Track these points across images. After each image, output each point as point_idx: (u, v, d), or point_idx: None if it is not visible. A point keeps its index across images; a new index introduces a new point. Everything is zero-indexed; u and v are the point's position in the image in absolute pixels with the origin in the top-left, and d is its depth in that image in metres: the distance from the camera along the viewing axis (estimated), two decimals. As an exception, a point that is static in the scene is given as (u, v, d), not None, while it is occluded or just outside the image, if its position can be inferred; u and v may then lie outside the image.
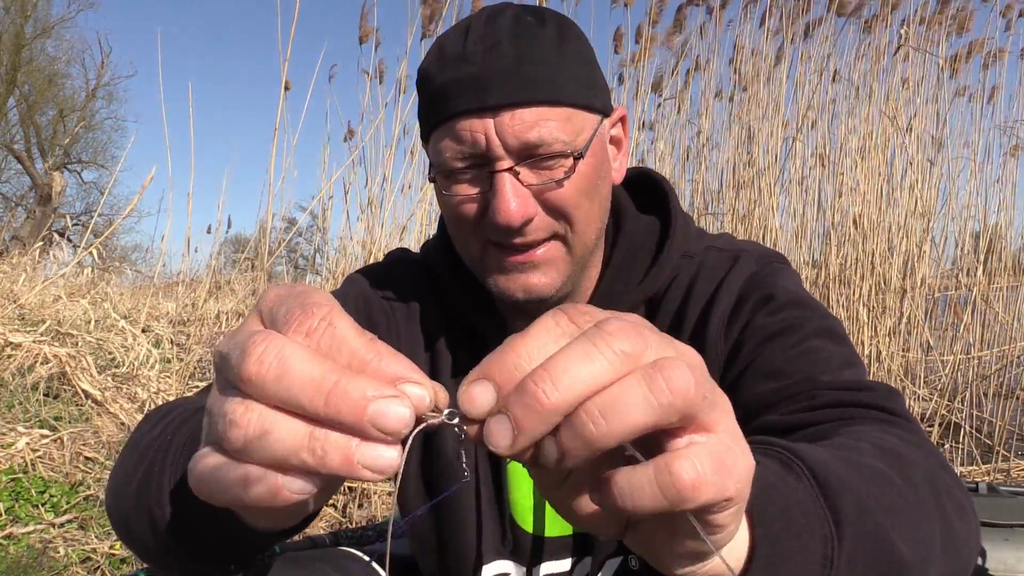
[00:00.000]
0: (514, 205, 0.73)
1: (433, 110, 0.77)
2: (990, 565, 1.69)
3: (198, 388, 3.77)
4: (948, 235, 4.16)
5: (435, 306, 0.91)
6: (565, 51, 0.75)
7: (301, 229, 5.73)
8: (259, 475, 0.35)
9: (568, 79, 0.75)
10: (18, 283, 5.00)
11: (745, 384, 0.75)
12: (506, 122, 0.73)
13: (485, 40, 0.74)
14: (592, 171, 0.78)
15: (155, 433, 0.66)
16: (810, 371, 0.72)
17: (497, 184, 0.74)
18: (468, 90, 0.73)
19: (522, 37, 0.74)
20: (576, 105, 0.76)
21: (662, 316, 0.84)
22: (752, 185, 4.05)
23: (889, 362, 3.73)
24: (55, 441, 2.92)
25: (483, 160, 0.75)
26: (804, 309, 0.79)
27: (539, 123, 0.73)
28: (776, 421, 0.69)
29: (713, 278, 0.83)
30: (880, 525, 0.50)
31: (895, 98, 4.04)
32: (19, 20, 19.58)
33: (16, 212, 19.64)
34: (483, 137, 0.73)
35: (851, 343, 0.78)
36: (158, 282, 5.62)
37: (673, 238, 0.85)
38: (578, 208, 0.77)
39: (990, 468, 3.47)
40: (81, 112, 21.21)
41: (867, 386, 0.70)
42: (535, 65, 0.73)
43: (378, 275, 0.94)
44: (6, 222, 16.84)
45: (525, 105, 0.73)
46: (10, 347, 3.67)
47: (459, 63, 0.74)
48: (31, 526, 2.48)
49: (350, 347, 0.36)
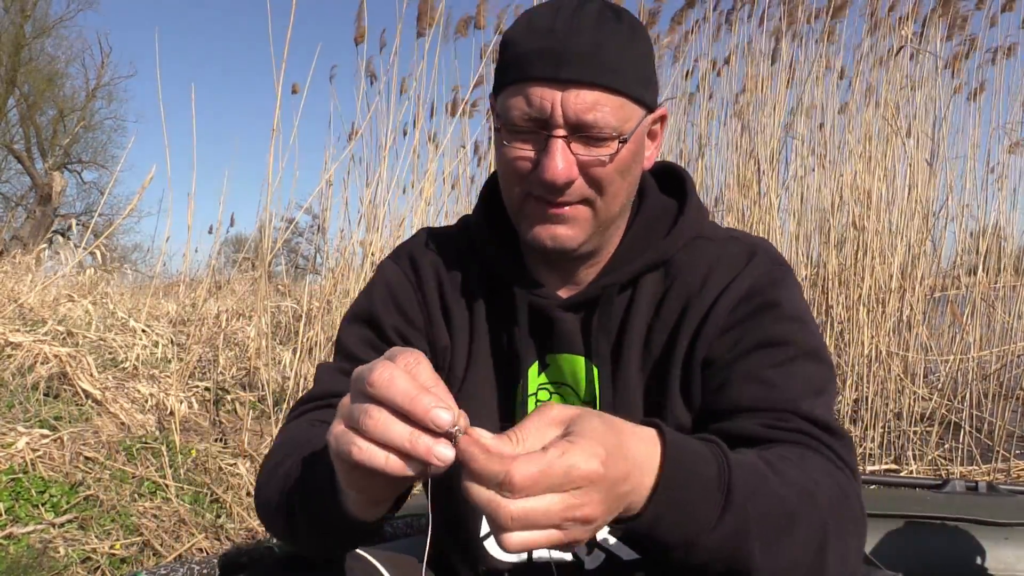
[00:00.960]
0: (561, 166, 0.85)
1: (513, 70, 0.88)
2: (990, 564, 1.69)
3: (198, 387, 3.78)
4: (948, 235, 4.17)
5: (468, 264, 1.03)
6: (634, 48, 0.87)
7: (301, 229, 5.73)
8: (372, 449, 0.60)
9: (630, 73, 0.86)
10: (19, 283, 5.00)
11: (735, 381, 0.88)
12: (571, 98, 0.84)
13: (571, 22, 0.85)
14: (629, 156, 0.89)
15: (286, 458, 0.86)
16: (793, 392, 0.85)
17: (551, 147, 0.86)
18: (548, 60, 0.84)
19: (602, 28, 0.85)
20: (631, 96, 0.87)
21: (679, 286, 0.94)
22: (752, 185, 4.06)
23: (889, 362, 3.73)
24: (55, 441, 2.92)
25: (544, 125, 0.86)
26: (801, 324, 0.90)
27: (597, 106, 0.85)
28: (751, 429, 0.83)
29: (732, 268, 0.93)
30: (755, 534, 0.67)
31: (894, 98, 4.04)
32: (19, 20, 19.58)
33: (16, 212, 19.65)
34: (549, 104, 0.84)
35: (831, 361, 0.92)
36: (158, 282, 5.63)
37: (686, 215, 0.97)
38: (611, 183, 0.89)
39: (990, 468, 3.47)
40: (81, 112, 21.21)
41: (835, 431, 0.84)
42: (608, 54, 0.84)
43: (408, 253, 1.06)
44: (6, 222, 16.84)
45: (591, 87, 0.84)
46: (10, 347, 3.67)
47: (546, 35, 0.85)
48: (31, 526, 2.48)
49: (425, 379, 0.60)
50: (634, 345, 0.94)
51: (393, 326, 1.01)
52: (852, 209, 3.95)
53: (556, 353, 0.97)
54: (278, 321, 5.06)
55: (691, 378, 0.91)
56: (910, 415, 3.72)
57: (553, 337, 0.97)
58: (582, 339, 0.96)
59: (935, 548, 1.73)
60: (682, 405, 0.92)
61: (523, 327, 0.96)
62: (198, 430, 3.44)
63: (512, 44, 0.89)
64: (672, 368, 0.92)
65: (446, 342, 1.01)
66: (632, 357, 0.94)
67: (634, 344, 0.94)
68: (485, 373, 0.99)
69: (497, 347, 0.99)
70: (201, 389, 3.78)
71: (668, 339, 0.93)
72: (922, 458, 3.56)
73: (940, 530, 1.76)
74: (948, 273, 4.24)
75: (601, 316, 0.95)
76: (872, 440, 3.65)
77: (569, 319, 0.96)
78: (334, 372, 1.01)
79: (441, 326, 1.01)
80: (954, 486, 1.90)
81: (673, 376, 0.92)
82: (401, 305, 1.02)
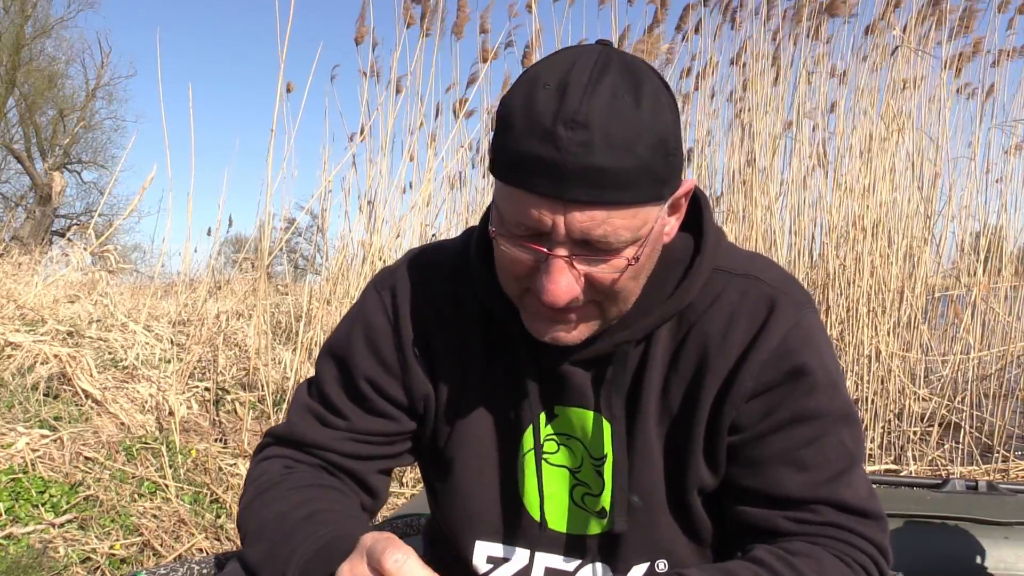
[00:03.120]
0: (562, 288, 0.76)
1: (510, 171, 0.75)
2: (989, 564, 1.69)
3: (198, 387, 3.78)
4: (948, 235, 4.16)
5: (462, 292, 0.96)
6: (652, 144, 0.73)
7: (301, 229, 5.73)
8: None
9: (646, 179, 0.74)
10: (18, 284, 5.00)
11: (768, 462, 0.86)
12: (576, 217, 0.73)
13: (575, 125, 0.71)
14: (647, 258, 0.80)
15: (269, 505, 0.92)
16: (828, 471, 0.85)
17: (550, 267, 0.76)
18: (548, 175, 0.72)
19: (613, 126, 0.71)
20: (647, 202, 0.75)
21: (696, 335, 0.87)
22: (752, 185, 4.06)
23: (889, 362, 3.73)
24: (55, 441, 2.92)
25: (544, 237, 0.76)
26: (833, 390, 0.87)
27: (607, 222, 0.73)
28: (781, 525, 0.85)
29: (754, 318, 0.86)
30: None
31: (894, 98, 4.04)
32: (19, 20, 19.58)
33: (16, 212, 19.63)
34: (550, 221, 0.74)
35: (859, 419, 0.91)
36: (158, 282, 5.63)
37: (703, 254, 0.88)
38: (623, 289, 0.80)
39: (990, 468, 3.47)
40: (81, 112, 21.21)
41: (868, 513, 0.85)
42: (617, 169, 0.72)
43: (391, 286, 0.98)
44: (6, 222, 16.83)
45: (600, 207, 0.73)
46: (10, 347, 3.67)
47: (545, 141, 0.71)
48: (31, 526, 2.48)
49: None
50: (652, 399, 0.89)
51: (366, 377, 0.95)
52: (852, 209, 3.95)
53: (565, 406, 0.92)
54: (278, 321, 5.06)
55: (716, 441, 0.87)
56: (910, 415, 3.72)
57: (563, 391, 0.91)
58: (593, 394, 0.90)
59: (935, 548, 1.73)
60: (705, 467, 0.88)
61: (534, 393, 0.90)
62: (198, 430, 3.44)
63: (509, 129, 0.75)
64: (695, 426, 0.87)
65: (427, 390, 0.94)
66: (650, 412, 0.89)
67: (651, 399, 0.89)
68: (479, 422, 0.93)
69: (497, 391, 0.93)
70: (201, 389, 3.78)
71: (687, 394, 0.88)
72: (922, 458, 3.57)
73: (940, 530, 1.76)
74: (948, 273, 4.24)
75: (615, 374, 0.88)
76: (872, 440, 3.65)
77: (579, 374, 0.89)
78: (308, 414, 0.98)
79: (418, 373, 0.94)
80: (954, 486, 1.90)
81: (696, 435, 0.87)
82: (378, 349, 0.95)
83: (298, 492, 0.91)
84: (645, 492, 0.88)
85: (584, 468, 0.92)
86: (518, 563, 0.94)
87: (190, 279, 5.03)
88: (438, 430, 0.96)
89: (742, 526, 0.88)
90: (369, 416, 0.95)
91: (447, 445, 0.95)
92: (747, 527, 0.87)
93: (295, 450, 0.97)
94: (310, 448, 0.97)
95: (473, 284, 0.93)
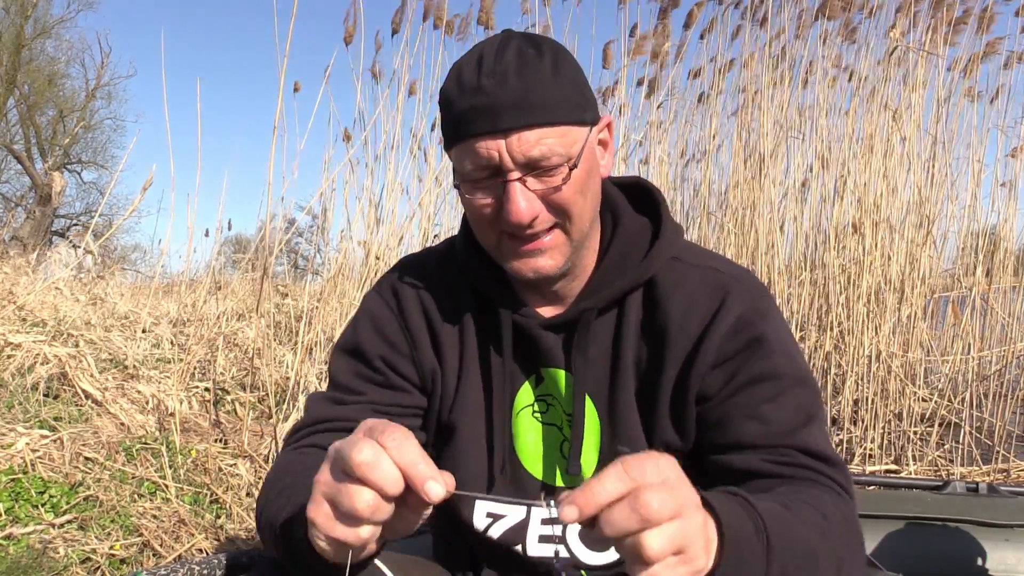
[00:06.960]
0: (523, 206, 0.91)
1: (455, 130, 0.93)
2: (990, 566, 1.69)
3: (198, 387, 3.78)
4: (948, 235, 4.16)
5: (455, 286, 1.08)
6: (560, 79, 0.91)
7: (301, 229, 5.73)
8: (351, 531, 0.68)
9: (563, 103, 0.91)
10: (17, 284, 5.00)
11: (733, 418, 0.95)
12: (514, 142, 0.90)
13: (495, 74, 0.89)
14: (584, 174, 0.95)
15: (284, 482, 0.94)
16: (788, 424, 0.93)
17: (509, 191, 0.91)
18: (483, 116, 0.89)
19: (525, 69, 0.90)
20: (569, 123, 0.92)
21: (661, 314, 1.00)
22: (752, 185, 4.05)
23: (889, 362, 3.73)
24: (55, 441, 2.92)
25: (497, 172, 0.92)
26: (787, 357, 0.97)
27: (540, 141, 0.90)
28: (756, 464, 0.92)
29: (714, 298, 0.98)
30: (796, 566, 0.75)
31: (895, 98, 4.04)
32: (19, 20, 19.58)
33: (16, 212, 19.63)
34: (496, 154, 0.90)
35: (816, 384, 1.00)
36: (158, 282, 5.62)
37: (662, 238, 1.02)
38: (574, 204, 0.95)
39: (990, 468, 3.47)
40: (81, 112, 21.21)
41: (832, 460, 0.93)
42: (536, 94, 0.89)
43: (390, 285, 1.11)
44: (6, 222, 16.82)
45: (529, 128, 0.89)
46: (10, 347, 3.67)
47: (475, 93, 0.90)
48: (31, 526, 2.48)
49: (410, 459, 0.66)
50: (628, 374, 1.00)
51: (379, 355, 1.06)
52: (852, 209, 3.95)
53: (548, 367, 1.04)
54: (278, 321, 5.06)
55: (683, 409, 0.97)
56: (910, 415, 3.72)
57: (541, 354, 1.03)
58: (564, 355, 1.02)
59: (935, 549, 1.73)
60: (672, 430, 0.98)
61: (508, 347, 1.03)
62: (198, 430, 3.44)
63: (449, 104, 0.94)
64: (660, 395, 0.98)
65: (433, 365, 1.06)
66: (627, 385, 1.00)
67: (628, 373, 1.00)
68: (476, 390, 1.05)
69: (488, 364, 1.05)
70: (201, 389, 3.78)
71: (653, 366, 0.99)
72: (922, 459, 3.56)
73: (940, 531, 1.76)
74: (948, 273, 4.24)
75: (579, 339, 1.00)
76: (872, 440, 3.65)
77: (551, 337, 1.02)
78: (324, 400, 1.07)
79: (427, 350, 1.06)
80: (954, 487, 1.90)
81: (662, 403, 0.98)
82: (385, 334, 1.08)
83: (310, 457, 0.97)
84: (632, 441, 0.99)
85: (564, 424, 1.04)
86: (515, 517, 1.04)
87: (190, 279, 5.03)
88: (443, 403, 1.06)
89: (722, 473, 0.94)
90: (385, 389, 1.06)
91: (450, 416, 1.06)
92: (728, 473, 0.94)
93: (318, 434, 1.03)
94: (330, 421, 1.04)
95: (462, 269, 1.07)
